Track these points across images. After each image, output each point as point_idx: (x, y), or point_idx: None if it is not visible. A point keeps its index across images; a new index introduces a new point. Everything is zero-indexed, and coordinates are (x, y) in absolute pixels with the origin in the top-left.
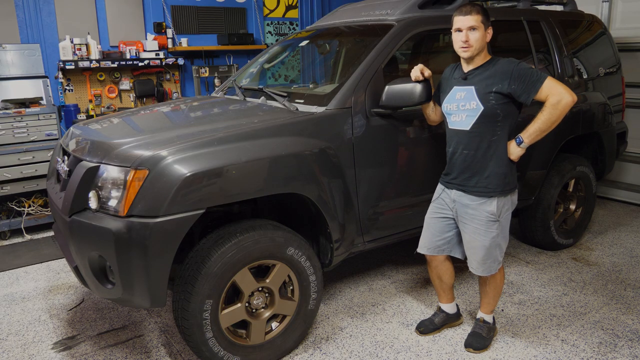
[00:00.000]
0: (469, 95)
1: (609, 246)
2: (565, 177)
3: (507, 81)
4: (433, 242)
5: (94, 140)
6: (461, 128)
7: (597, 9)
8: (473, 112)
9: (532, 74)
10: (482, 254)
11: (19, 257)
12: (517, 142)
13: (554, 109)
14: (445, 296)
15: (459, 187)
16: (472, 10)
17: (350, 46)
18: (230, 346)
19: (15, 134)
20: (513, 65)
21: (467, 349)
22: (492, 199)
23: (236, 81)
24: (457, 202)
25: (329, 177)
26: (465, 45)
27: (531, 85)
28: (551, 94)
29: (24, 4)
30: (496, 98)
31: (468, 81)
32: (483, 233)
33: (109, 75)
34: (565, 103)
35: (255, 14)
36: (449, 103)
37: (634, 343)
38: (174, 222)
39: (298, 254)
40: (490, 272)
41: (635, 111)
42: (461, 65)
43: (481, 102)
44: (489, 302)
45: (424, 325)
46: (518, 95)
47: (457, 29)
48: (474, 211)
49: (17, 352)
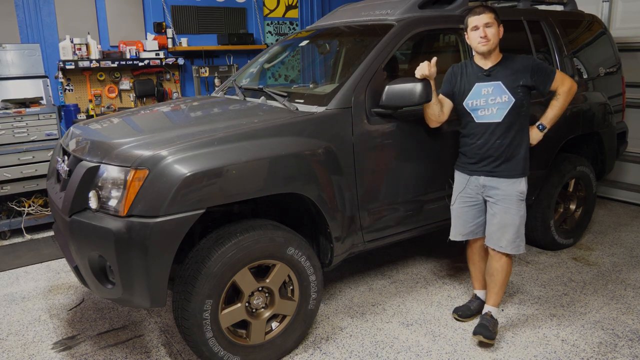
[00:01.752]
0: (497, 90)
1: (609, 246)
2: (566, 177)
3: (529, 74)
4: (467, 228)
5: (94, 140)
6: (492, 121)
7: (597, 9)
8: (504, 104)
9: (546, 68)
10: (513, 232)
11: (19, 257)
12: (540, 128)
13: (567, 95)
14: (481, 282)
15: (488, 174)
16: (485, 10)
17: (350, 46)
18: (230, 346)
19: (15, 133)
20: (531, 61)
21: (477, 336)
22: (520, 179)
23: (236, 81)
24: (487, 186)
25: (329, 177)
26: (484, 41)
27: (547, 77)
28: (562, 83)
29: (24, 4)
30: (523, 90)
31: (492, 77)
32: (514, 212)
33: (109, 75)
34: (574, 89)
35: (255, 14)
36: (475, 99)
37: (634, 343)
38: (174, 222)
39: (298, 254)
40: (519, 250)
41: (635, 111)
42: (474, 63)
43: (512, 94)
44: (497, 292)
45: (461, 310)
46: (538, 86)
47: (473, 27)
48: (505, 192)
49: (17, 352)
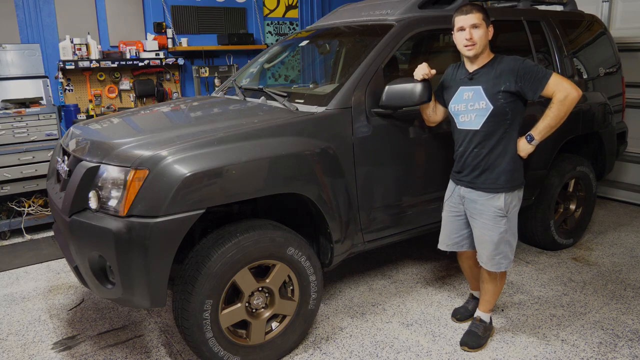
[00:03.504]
0: (477, 95)
1: (609, 246)
2: (565, 177)
3: (514, 79)
4: (451, 239)
5: (94, 140)
6: (471, 128)
7: (597, 9)
8: (482, 111)
9: (538, 71)
10: (490, 249)
11: (19, 257)
12: (528, 139)
13: (562, 105)
14: (475, 284)
15: (467, 184)
16: (472, 9)
17: (350, 46)
18: (230, 346)
19: (15, 134)
20: (519, 63)
21: (462, 347)
22: (499, 194)
23: (236, 81)
24: (466, 198)
25: (329, 177)
26: (469, 44)
27: (537, 82)
28: (557, 90)
29: (24, 4)
30: (505, 97)
31: (474, 81)
32: (491, 228)
33: (109, 75)
34: (572, 98)
35: (255, 14)
36: (457, 103)
37: (634, 343)
38: (174, 222)
39: (298, 254)
40: (499, 268)
41: (635, 111)
42: (464, 64)
43: (490, 101)
44: (488, 300)
45: (459, 312)
46: (525, 92)
47: (459, 28)
48: (482, 206)
49: (17, 352)
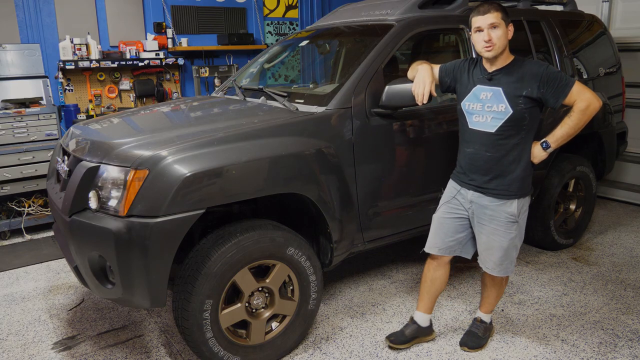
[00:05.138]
0: (496, 97)
1: (609, 246)
2: (565, 177)
3: (536, 85)
4: (445, 242)
5: (94, 140)
6: (485, 130)
7: (597, 9)
8: (501, 115)
9: (561, 78)
10: (499, 255)
11: (19, 257)
12: (544, 146)
13: (583, 115)
14: (426, 304)
15: (477, 189)
16: (490, 8)
17: (350, 46)
18: (230, 346)
19: (15, 134)
20: (543, 69)
21: (462, 347)
22: (512, 200)
23: (236, 81)
24: (475, 203)
25: (329, 177)
26: (488, 45)
27: (560, 90)
28: (579, 99)
29: (24, 4)
30: (525, 102)
31: (494, 82)
32: (502, 234)
33: (109, 75)
34: (594, 108)
35: (255, 14)
36: (472, 102)
37: (634, 343)
38: (174, 222)
39: (298, 254)
40: (506, 272)
41: (635, 111)
42: (481, 63)
43: (510, 105)
44: (490, 302)
45: (394, 335)
46: (547, 99)
47: (477, 28)
48: (493, 212)
49: (17, 352)
